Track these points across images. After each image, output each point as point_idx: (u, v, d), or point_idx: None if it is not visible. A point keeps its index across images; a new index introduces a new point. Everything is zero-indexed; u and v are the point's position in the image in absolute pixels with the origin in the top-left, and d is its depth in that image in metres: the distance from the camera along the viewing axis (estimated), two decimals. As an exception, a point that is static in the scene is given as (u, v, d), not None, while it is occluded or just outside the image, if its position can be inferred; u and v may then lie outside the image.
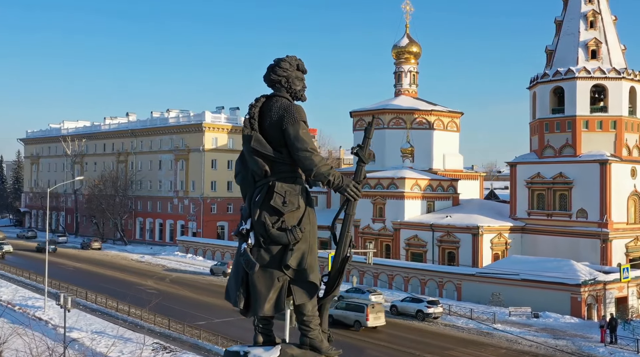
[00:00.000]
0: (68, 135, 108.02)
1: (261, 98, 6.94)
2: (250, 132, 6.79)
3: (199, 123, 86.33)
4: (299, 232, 6.67)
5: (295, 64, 6.99)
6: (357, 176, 6.95)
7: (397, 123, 73.61)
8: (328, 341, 7.31)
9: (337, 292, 7.32)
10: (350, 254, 7.46)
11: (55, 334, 37.05)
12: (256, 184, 6.92)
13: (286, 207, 6.69)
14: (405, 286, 56.11)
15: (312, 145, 6.64)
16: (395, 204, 64.99)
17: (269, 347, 7.19)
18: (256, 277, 6.74)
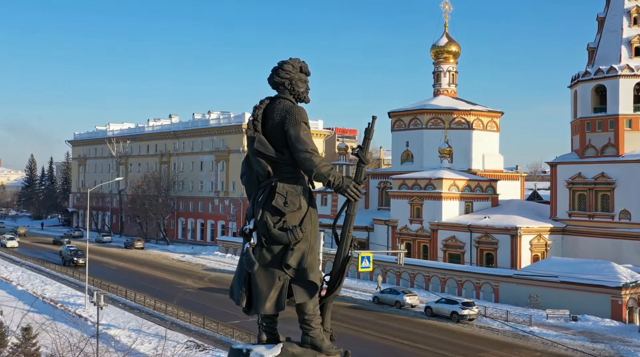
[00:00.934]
0: (113, 137, 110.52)
1: (265, 100, 7.08)
2: (253, 133, 6.92)
3: (239, 124, 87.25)
4: (299, 232, 6.80)
5: (299, 66, 7.09)
6: (357, 177, 7.03)
7: (435, 123, 73.13)
8: (330, 340, 7.44)
9: (339, 291, 7.40)
10: (351, 254, 7.59)
11: (94, 330, 37.89)
12: (260, 184, 7.03)
13: (287, 208, 6.80)
14: (442, 287, 55.71)
15: (313, 146, 6.71)
16: (432, 204, 64.53)
17: (271, 346, 7.33)
18: (258, 276, 6.90)
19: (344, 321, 43.79)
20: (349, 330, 41.50)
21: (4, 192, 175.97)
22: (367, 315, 46.63)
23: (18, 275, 59.81)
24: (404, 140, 75.78)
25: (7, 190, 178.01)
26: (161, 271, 66.03)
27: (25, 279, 57.25)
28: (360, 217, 74.07)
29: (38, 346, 29.15)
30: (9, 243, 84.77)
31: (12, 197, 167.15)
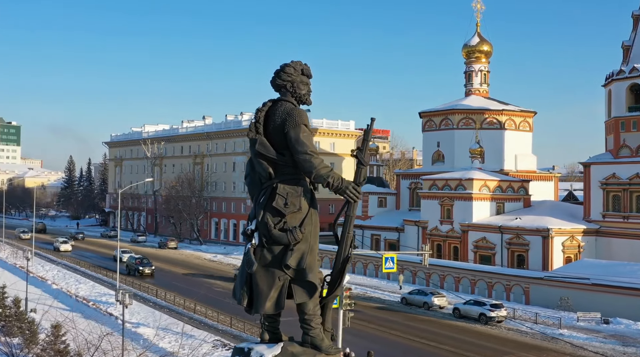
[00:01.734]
0: (148, 138, 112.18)
1: (268, 102, 7.22)
2: (254, 135, 7.06)
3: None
4: (299, 233, 6.91)
5: (300, 69, 7.22)
6: (356, 178, 7.15)
7: (466, 123, 72.59)
8: (331, 339, 7.55)
9: (339, 291, 7.64)
10: (351, 255, 7.71)
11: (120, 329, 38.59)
12: (262, 186, 7.16)
13: (288, 209, 6.92)
14: (472, 289, 55.23)
15: (313, 148, 6.83)
16: (463, 205, 64.04)
17: (272, 345, 7.50)
18: (258, 276, 7.04)
19: (371, 322, 43.86)
20: (375, 330, 41.57)
21: (45, 192, 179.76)
22: (395, 316, 46.55)
23: (54, 274, 61.20)
24: (435, 141, 75.39)
25: (47, 190, 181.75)
26: (192, 270, 66.85)
27: (61, 278, 58.56)
28: (391, 218, 74.03)
29: (67, 343, 29.82)
30: (62, 247, 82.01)
31: (52, 198, 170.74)
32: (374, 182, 79.01)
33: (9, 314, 36.70)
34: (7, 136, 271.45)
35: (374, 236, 74.87)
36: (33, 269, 62.73)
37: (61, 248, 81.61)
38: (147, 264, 63.31)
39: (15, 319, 36.11)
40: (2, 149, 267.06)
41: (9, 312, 36.85)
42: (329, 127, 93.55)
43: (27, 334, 33.08)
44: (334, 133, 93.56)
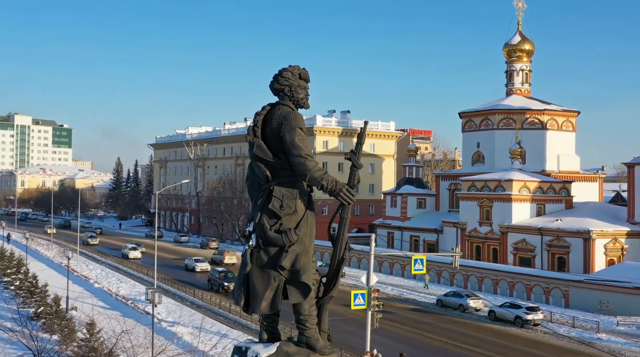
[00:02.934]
0: (191, 140, 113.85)
1: (267, 106, 7.40)
2: (252, 139, 7.26)
3: (310, 127, 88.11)
4: (293, 235, 7.05)
5: (298, 73, 7.38)
6: (350, 181, 7.29)
7: (507, 123, 71.63)
8: (328, 340, 7.72)
9: (335, 292, 7.62)
10: (345, 256, 7.88)
11: (158, 328, 39.42)
12: (260, 188, 7.37)
13: (283, 211, 7.08)
14: (510, 291, 54.47)
15: (307, 151, 6.98)
16: (502, 206, 63.21)
17: (268, 344, 7.66)
18: (255, 277, 7.23)
19: (405, 323, 43.73)
20: (408, 332, 41.43)
21: (94, 193, 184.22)
22: (430, 318, 46.28)
23: (97, 273, 62.73)
24: (475, 141, 74.62)
25: (96, 191, 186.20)
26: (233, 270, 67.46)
27: (103, 277, 59.98)
28: (430, 220, 73.56)
29: (102, 340, 30.64)
30: (131, 254, 75.78)
31: (100, 198, 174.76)
32: (413, 183, 78.65)
33: (49, 311, 37.84)
34: (59, 139, 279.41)
35: (413, 237, 74.52)
36: (77, 267, 64.55)
37: (130, 255, 75.11)
38: (232, 278, 53.94)
39: (55, 316, 37.20)
40: (54, 151, 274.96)
41: (49, 310, 37.98)
42: (369, 128, 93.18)
43: (65, 331, 34.02)
44: (374, 134, 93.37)
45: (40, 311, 39.40)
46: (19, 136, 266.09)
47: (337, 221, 7.67)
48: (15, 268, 52.78)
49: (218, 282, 55.01)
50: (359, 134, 7.59)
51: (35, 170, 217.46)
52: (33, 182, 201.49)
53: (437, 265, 59.71)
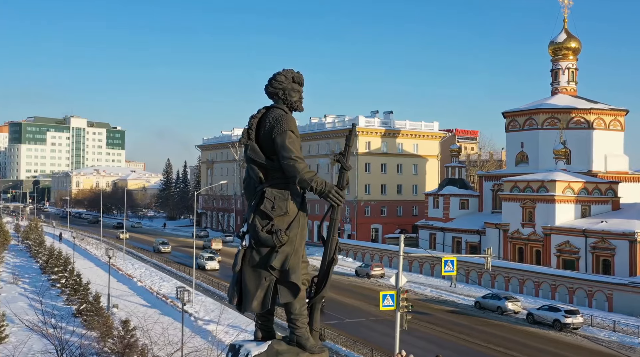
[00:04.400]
0: (236, 141, 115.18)
1: (262, 109, 7.57)
2: (246, 141, 7.42)
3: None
4: (283, 236, 7.22)
5: (291, 77, 7.52)
6: (339, 183, 7.46)
7: (552, 123, 70.25)
8: (320, 339, 7.88)
9: (326, 292, 7.75)
10: (336, 257, 8.06)
11: (194, 326, 40.19)
12: (255, 190, 7.57)
13: (274, 212, 7.26)
14: (552, 294, 53.45)
15: (297, 153, 7.14)
16: (545, 208, 62.03)
17: (260, 342, 7.82)
18: (247, 276, 7.42)
19: (441, 325, 43.43)
20: (444, 334, 41.12)
21: (145, 194, 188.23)
22: (467, 320, 45.81)
23: (141, 272, 64.14)
24: (519, 141, 73.42)
25: (147, 192, 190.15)
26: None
27: (147, 276, 61.31)
28: (472, 221, 72.73)
29: (136, 337, 31.46)
30: (208, 264, 67.40)
31: (150, 199, 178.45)
32: (456, 184, 77.92)
33: (89, 309, 39.00)
34: (113, 141, 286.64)
35: (455, 239, 73.84)
36: (123, 266, 66.22)
37: (207, 267, 66.79)
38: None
39: (95, 313, 38.33)
40: (108, 152, 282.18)
41: (89, 307, 39.15)
42: (412, 128, 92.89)
43: (103, 328, 35.02)
44: (417, 134, 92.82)
45: (82, 308, 40.62)
46: (74, 138, 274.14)
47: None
48: (62, 266, 54.44)
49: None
50: (347, 136, 7.70)
51: (89, 172, 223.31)
52: (87, 183, 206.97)
53: (476, 266, 59.00)
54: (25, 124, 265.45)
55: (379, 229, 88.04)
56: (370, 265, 65.04)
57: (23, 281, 56.57)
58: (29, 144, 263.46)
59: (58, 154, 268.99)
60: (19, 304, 43.82)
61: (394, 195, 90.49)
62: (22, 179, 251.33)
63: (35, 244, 74.77)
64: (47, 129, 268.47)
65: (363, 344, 36.83)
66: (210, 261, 68.28)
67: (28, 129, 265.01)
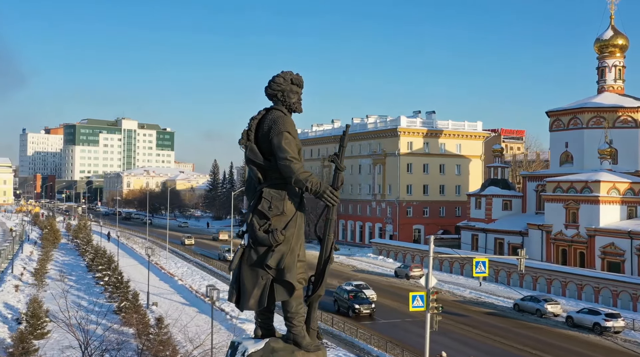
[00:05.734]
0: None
1: (262, 111, 7.75)
2: (245, 142, 7.61)
3: (395, 128, 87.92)
4: (279, 235, 7.36)
5: (290, 79, 7.67)
6: (334, 183, 7.54)
7: (597, 122, 68.60)
8: (317, 338, 8.08)
9: (322, 291, 7.94)
10: (332, 256, 8.22)
11: (229, 324, 40.75)
12: (255, 190, 7.76)
13: (271, 212, 7.42)
14: (595, 297, 52.24)
15: (293, 154, 7.28)
16: (589, 209, 60.63)
17: (259, 340, 8.02)
18: (245, 275, 7.61)
19: (478, 327, 42.99)
20: (480, 336, 40.70)
21: (193, 194, 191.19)
22: (504, 322, 45.18)
23: (183, 271, 65.29)
24: (563, 141, 71.95)
25: (195, 192, 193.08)
26: (312, 270, 68.37)
27: (188, 275, 62.38)
28: (515, 222, 71.61)
29: (169, 334, 32.18)
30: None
31: (198, 199, 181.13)
32: (498, 184, 76.83)
33: (128, 306, 40.00)
34: (163, 142, 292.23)
35: (498, 240, 72.82)
36: (166, 265, 67.54)
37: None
38: (366, 300, 46.18)
39: (133, 311, 39.29)
40: (158, 153, 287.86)
41: (128, 304, 40.16)
42: (455, 128, 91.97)
43: (140, 325, 35.89)
44: (460, 134, 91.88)
45: (122, 306, 41.69)
46: (125, 140, 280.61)
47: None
48: (106, 265, 55.90)
49: (347, 304, 45.86)
50: (341, 137, 7.84)
51: (139, 172, 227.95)
52: (137, 183, 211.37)
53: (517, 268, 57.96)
54: (79, 126, 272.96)
55: (421, 230, 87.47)
56: (409, 266, 64.71)
57: (69, 279, 58.30)
58: (83, 146, 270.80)
59: (110, 155, 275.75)
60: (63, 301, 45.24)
61: (436, 195, 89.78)
62: (76, 179, 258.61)
63: (83, 243, 76.86)
64: (100, 131, 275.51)
65: (396, 344, 36.78)
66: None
67: (82, 131, 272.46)
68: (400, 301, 50.91)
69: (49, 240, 78.61)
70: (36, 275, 54.78)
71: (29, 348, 31.28)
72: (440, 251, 63.62)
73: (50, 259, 68.52)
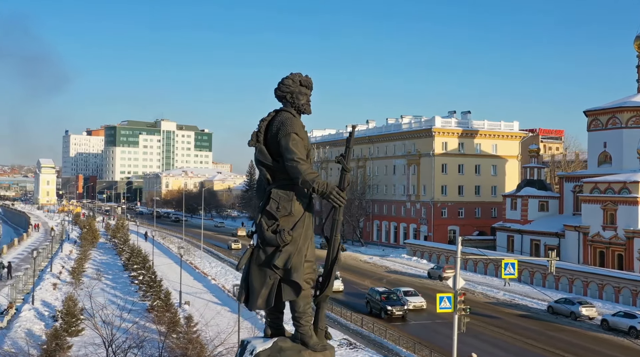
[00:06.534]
0: (315, 143, 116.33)
1: (272, 113, 7.92)
2: (255, 144, 7.78)
3: (429, 128, 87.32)
4: (286, 236, 7.45)
5: (298, 81, 7.83)
6: (340, 184, 7.60)
7: (637, 122, 67.13)
8: (325, 337, 8.15)
9: (330, 292, 8.01)
10: (339, 257, 8.30)
11: (260, 324, 40.95)
12: (265, 191, 7.91)
13: (279, 212, 7.54)
14: (633, 300, 51.06)
15: (300, 155, 7.37)
16: (627, 210, 59.27)
17: (267, 339, 8.14)
18: (254, 275, 7.74)
19: (509, 329, 42.49)
20: (511, 339, 40.22)
21: (230, 194, 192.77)
22: (537, 325, 44.49)
23: (217, 270, 65.95)
24: (601, 141, 70.50)
25: (232, 193, 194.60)
26: (344, 271, 68.27)
27: (221, 274, 62.96)
28: (552, 223, 70.46)
29: (198, 333, 32.58)
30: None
31: (234, 200, 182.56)
32: (535, 185, 75.68)
33: (160, 305, 40.61)
34: (201, 143, 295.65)
35: (534, 241, 71.74)
36: (200, 265, 68.31)
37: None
38: (397, 301, 45.39)
39: (165, 309, 39.87)
40: (196, 154, 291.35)
41: (160, 303, 40.77)
42: (491, 128, 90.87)
43: (170, 324, 36.37)
44: (496, 134, 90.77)
45: (155, 304, 42.33)
46: (164, 141, 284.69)
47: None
48: (141, 264, 56.81)
49: (378, 305, 45.48)
50: (347, 138, 7.89)
51: (177, 173, 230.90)
52: (175, 183, 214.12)
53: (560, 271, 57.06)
54: (120, 128, 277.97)
55: (456, 231, 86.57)
56: (442, 267, 64.23)
57: (106, 277, 59.44)
58: (123, 147, 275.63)
59: (149, 156, 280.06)
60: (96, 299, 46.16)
61: (472, 196, 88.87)
62: (117, 180, 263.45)
63: (121, 243, 78.23)
64: (140, 132, 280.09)
65: (425, 346, 36.60)
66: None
67: (122, 132, 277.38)
68: (432, 302, 50.55)
69: (88, 239, 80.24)
70: (73, 273, 55.98)
71: (63, 345, 32.01)
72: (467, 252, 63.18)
73: (88, 258, 69.93)
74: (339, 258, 8.18)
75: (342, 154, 7.67)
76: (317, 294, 8.01)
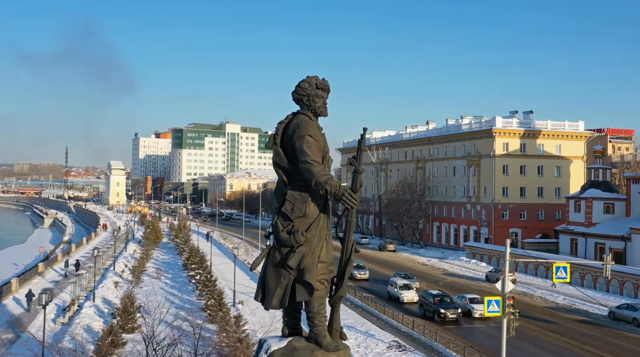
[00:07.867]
0: (374, 144, 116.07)
1: (290, 115, 8.12)
2: (272, 146, 8.01)
3: (490, 129, 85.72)
4: (300, 237, 7.63)
5: (315, 83, 7.99)
6: (353, 185, 7.74)
7: None
8: (340, 338, 8.26)
9: (344, 292, 8.16)
10: (352, 258, 8.46)
11: (309, 324, 41.22)
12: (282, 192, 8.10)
13: (294, 213, 7.71)
14: (702, 307, 48.71)
15: (314, 157, 7.52)
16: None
17: (283, 338, 8.33)
18: (269, 275, 7.96)
19: (566, 335, 41.31)
20: (567, 344, 39.11)
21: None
22: (596, 331, 43.01)
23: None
24: (671, 141, 67.61)
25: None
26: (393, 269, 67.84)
27: (278, 275, 63.43)
28: (618, 226, 68.05)
29: (247, 332, 33.03)
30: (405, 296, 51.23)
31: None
32: (599, 186, 73.20)
33: (213, 304, 41.37)
34: (264, 145, 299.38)
35: (598, 245, 69.41)
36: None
37: (405, 299, 50.99)
38: (451, 304, 44.75)
39: (218, 309, 40.60)
40: (259, 156, 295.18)
41: (214, 302, 41.53)
42: (554, 128, 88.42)
43: (222, 322, 37.04)
44: (560, 135, 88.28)
45: (209, 303, 43.16)
46: (229, 143, 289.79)
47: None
48: (199, 263, 57.99)
49: (432, 308, 44.60)
50: (359, 140, 7.99)
51: (241, 175, 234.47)
52: (239, 185, 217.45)
53: (617, 275, 55.18)
54: (186, 131, 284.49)
55: (518, 233, 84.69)
56: (500, 270, 62.87)
57: (165, 276, 60.94)
58: (189, 149, 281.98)
59: (215, 158, 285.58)
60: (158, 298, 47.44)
61: (534, 198, 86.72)
62: (183, 181, 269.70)
63: (182, 242, 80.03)
64: (205, 135, 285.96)
65: (476, 350, 36.00)
66: (407, 291, 52.52)
67: (188, 134, 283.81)
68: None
69: (151, 239, 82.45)
70: (134, 272, 57.64)
71: (118, 341, 33.04)
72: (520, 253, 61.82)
73: (150, 257, 71.83)
74: (352, 260, 8.25)
75: (353, 156, 7.76)
76: (331, 295, 8.07)
